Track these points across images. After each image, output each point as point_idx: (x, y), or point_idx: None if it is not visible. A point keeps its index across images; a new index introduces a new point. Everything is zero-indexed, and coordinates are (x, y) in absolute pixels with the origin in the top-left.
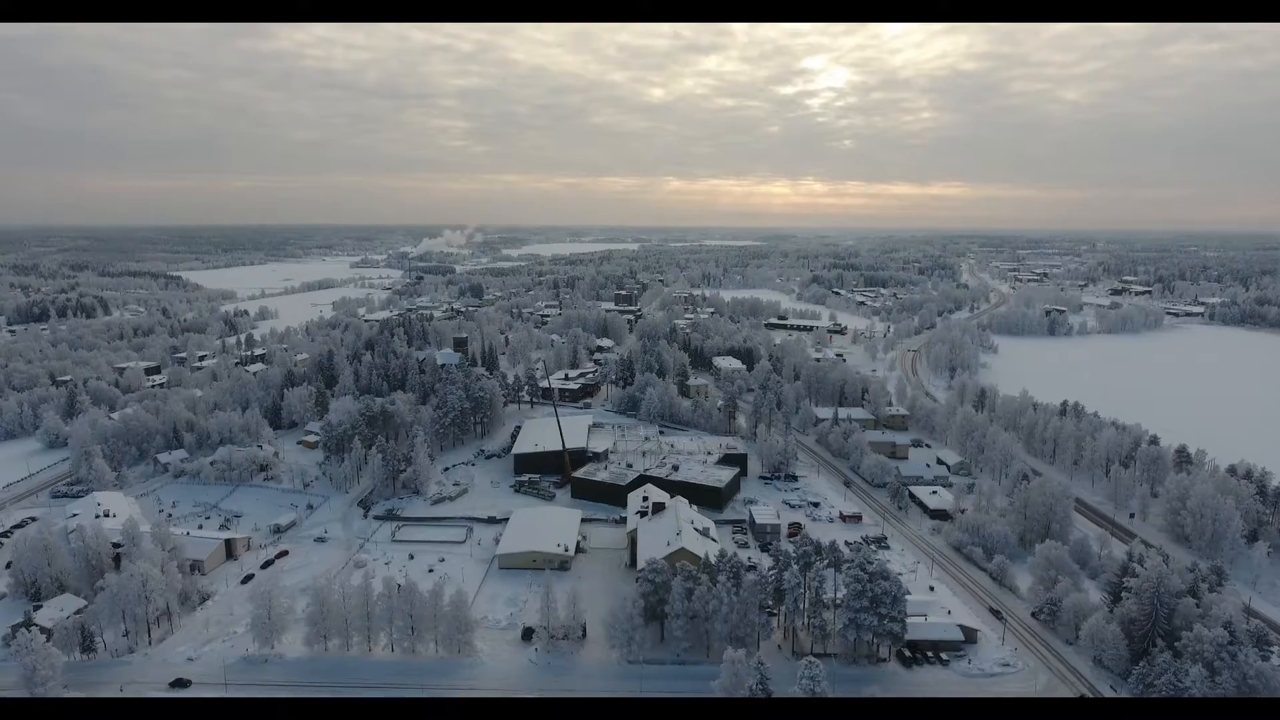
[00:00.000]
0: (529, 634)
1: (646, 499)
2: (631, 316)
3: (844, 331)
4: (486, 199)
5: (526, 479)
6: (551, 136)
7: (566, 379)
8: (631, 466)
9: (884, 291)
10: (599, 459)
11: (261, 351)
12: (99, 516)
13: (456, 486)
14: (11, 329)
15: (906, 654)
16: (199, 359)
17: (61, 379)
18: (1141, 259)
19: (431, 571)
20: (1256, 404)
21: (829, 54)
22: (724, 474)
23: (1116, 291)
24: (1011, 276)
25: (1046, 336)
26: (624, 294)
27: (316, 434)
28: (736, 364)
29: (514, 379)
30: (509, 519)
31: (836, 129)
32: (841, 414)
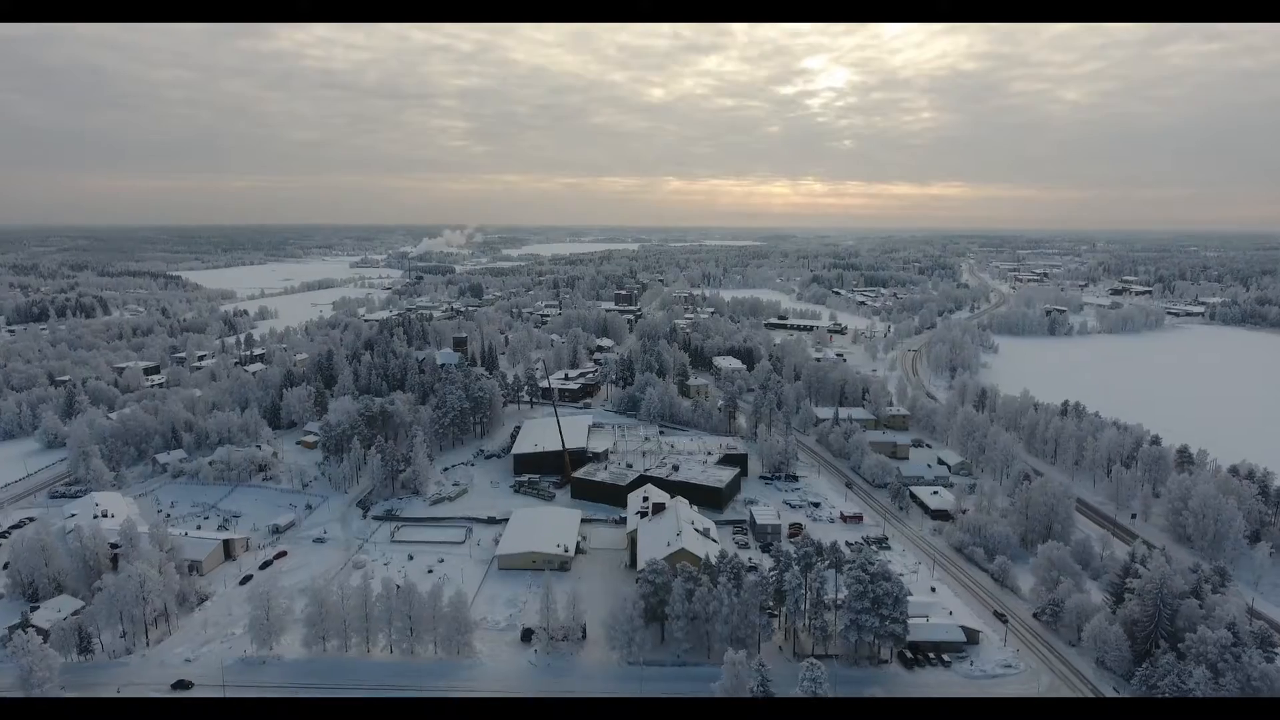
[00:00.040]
0: (528, 635)
1: (646, 499)
2: (631, 316)
3: (844, 331)
4: (486, 199)
5: (526, 479)
6: (551, 136)
7: (566, 379)
8: (631, 467)
9: (884, 291)
10: (599, 459)
11: (261, 351)
12: (97, 517)
13: (456, 487)
14: (11, 329)
15: (908, 655)
16: (198, 359)
17: (60, 379)
18: (1141, 259)
19: (431, 572)
20: (1257, 404)
21: (829, 54)
22: (724, 474)
23: (1117, 291)
24: (1011, 276)
25: (1047, 336)
26: (624, 294)
27: (315, 434)
28: (737, 364)
29: (514, 379)
30: (508, 519)
31: (836, 129)
32: (842, 414)
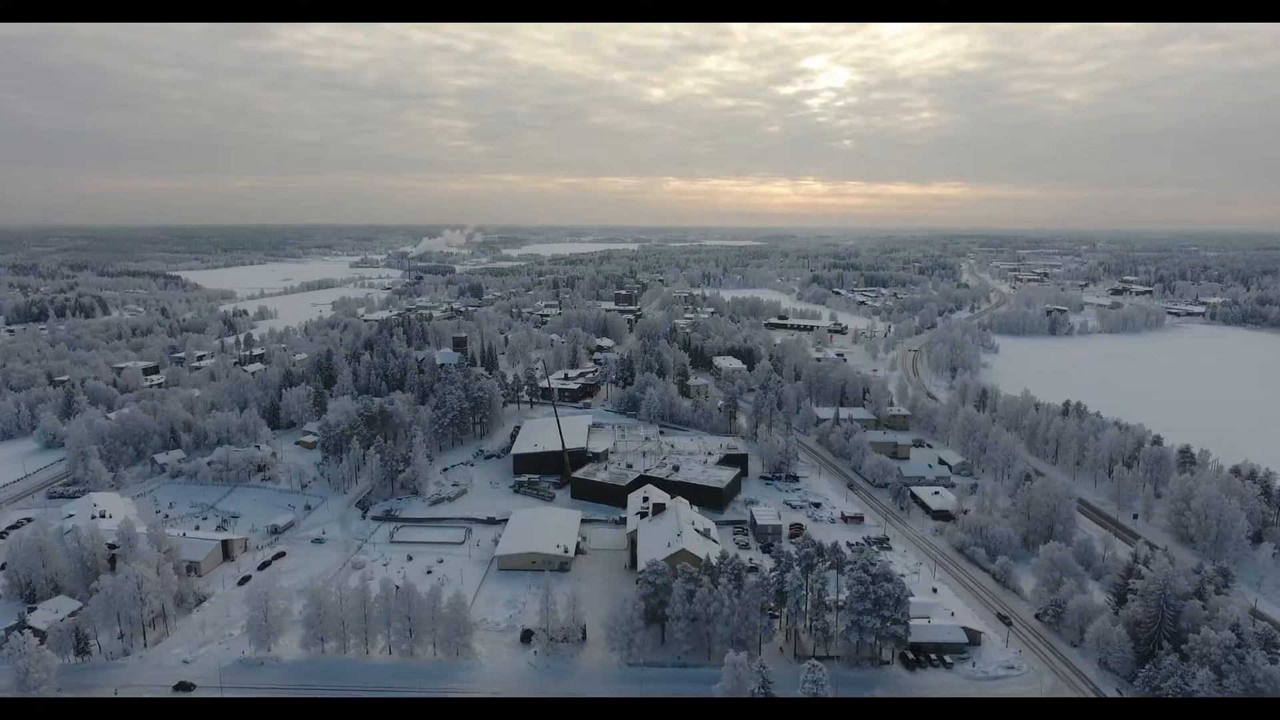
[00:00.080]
0: (528, 636)
1: (647, 500)
2: (631, 316)
3: (844, 331)
4: (486, 199)
5: (526, 479)
6: (551, 136)
7: (566, 379)
8: (631, 467)
9: (884, 291)
10: (599, 459)
11: (260, 351)
12: (95, 517)
13: (455, 487)
14: (10, 329)
15: (910, 656)
16: (197, 359)
17: (59, 379)
18: (1142, 259)
19: (430, 573)
20: (1259, 404)
21: (829, 54)
22: (725, 474)
23: (1117, 291)
24: (1012, 276)
25: (1047, 336)
26: (624, 294)
27: (315, 434)
28: (737, 364)
29: (513, 379)
30: (508, 520)
31: (836, 129)
32: (843, 414)
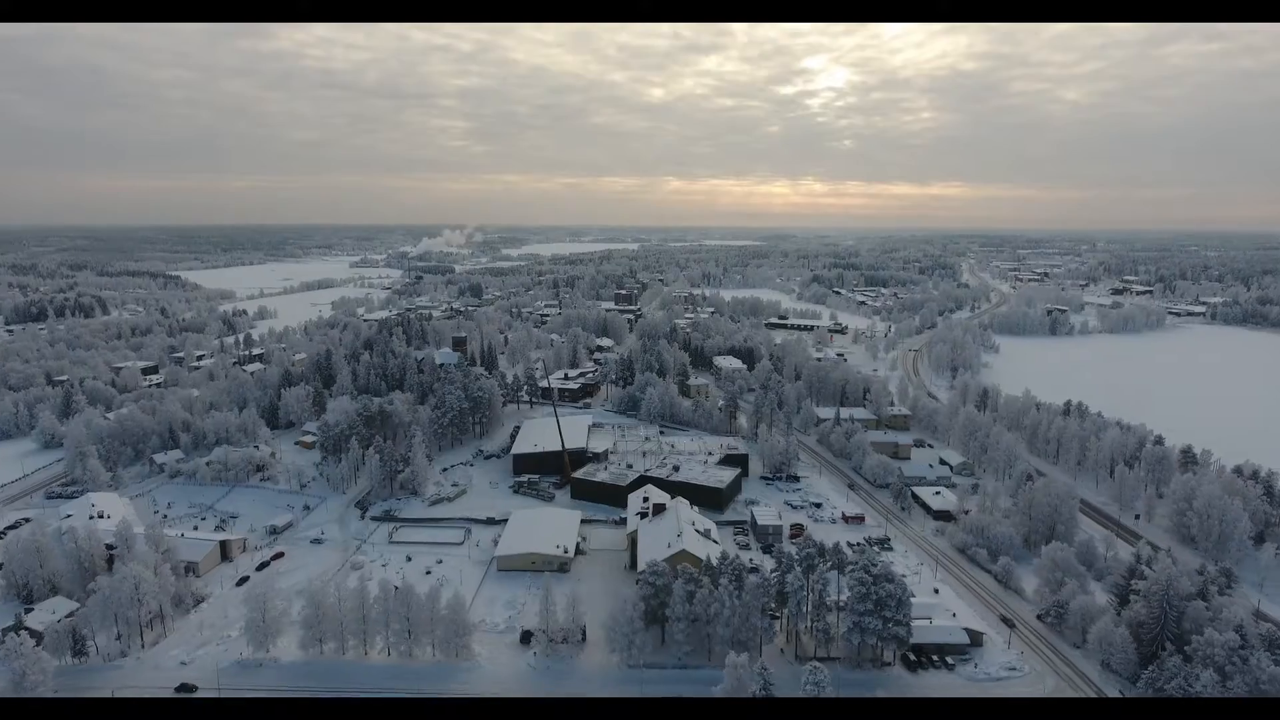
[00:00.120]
0: (528, 637)
1: (647, 500)
2: (631, 316)
3: (845, 331)
4: (486, 199)
5: (525, 479)
6: (551, 136)
7: (566, 379)
8: (632, 467)
9: (884, 291)
10: (599, 459)
11: (259, 351)
12: (93, 518)
13: (455, 487)
14: (9, 328)
15: (911, 658)
16: (197, 359)
17: (58, 379)
18: (1142, 259)
19: (429, 573)
20: (1260, 404)
21: (829, 54)
22: (725, 474)
23: (1118, 291)
24: (1012, 276)
25: (1048, 336)
26: (624, 293)
27: (314, 434)
28: (737, 364)
29: (513, 379)
30: (508, 520)
31: (836, 129)
32: (843, 414)
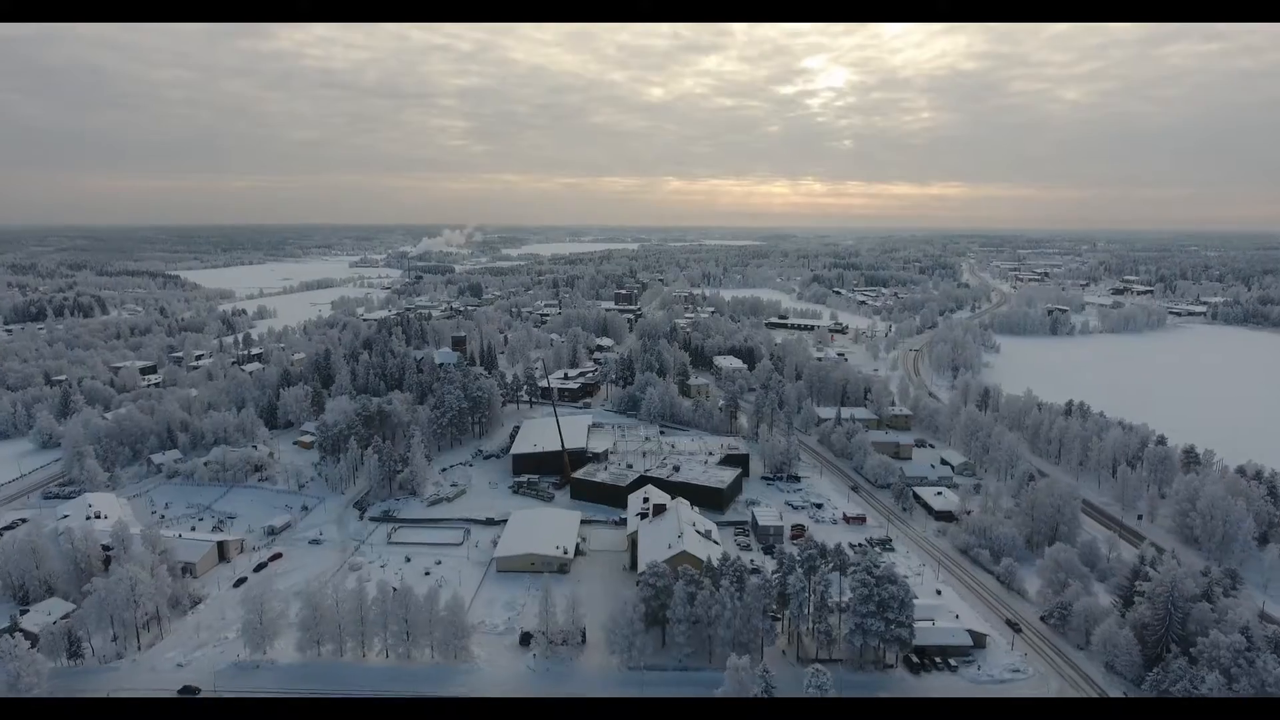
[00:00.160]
0: (527, 639)
1: (647, 500)
2: (631, 316)
3: (845, 331)
4: (486, 198)
5: (525, 480)
6: (551, 136)
7: (566, 378)
8: (632, 467)
9: (885, 291)
10: (599, 459)
11: (258, 351)
12: (89, 518)
13: (454, 487)
14: (8, 328)
15: (914, 660)
16: (196, 358)
17: (56, 379)
18: (1142, 259)
19: (428, 574)
20: (1261, 404)
21: (829, 54)
22: (726, 475)
23: (1118, 291)
24: (1012, 276)
25: (1049, 336)
26: (624, 293)
27: (312, 434)
28: (737, 363)
29: (513, 378)
30: (507, 521)
31: (836, 129)
32: (844, 414)
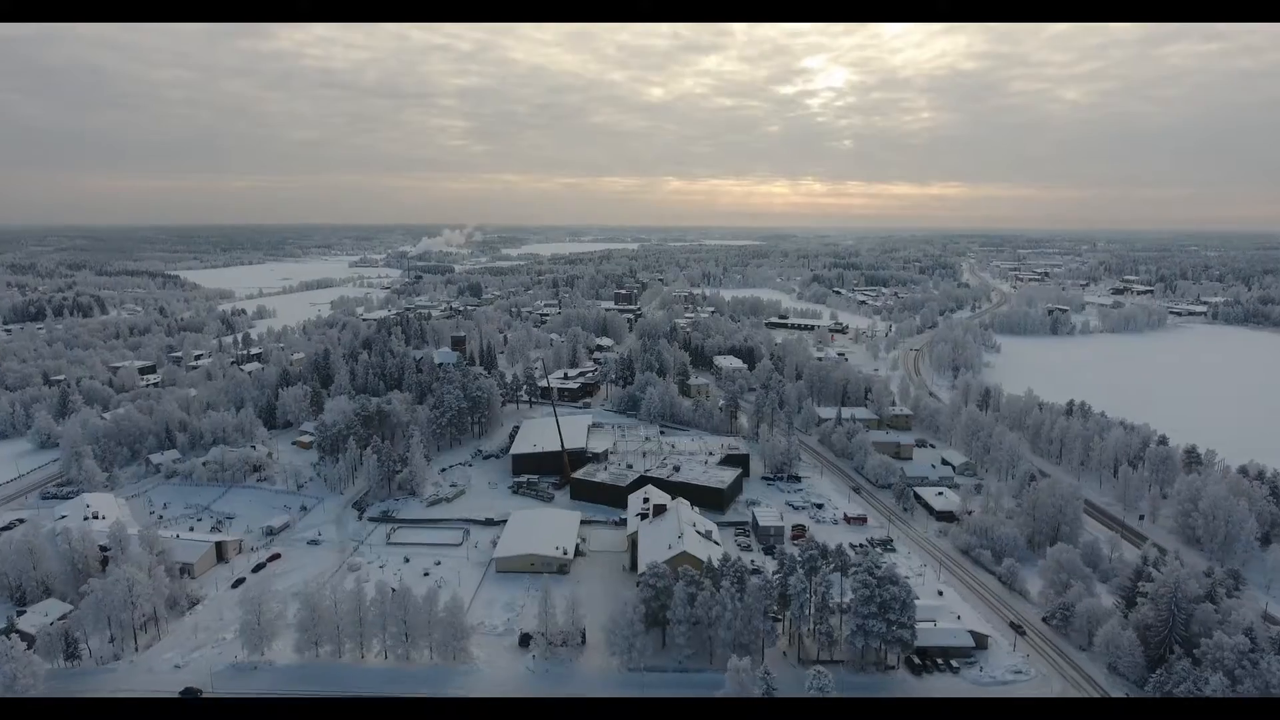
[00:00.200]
0: (526, 640)
1: (647, 500)
2: (631, 315)
3: (845, 331)
4: (486, 198)
5: (525, 480)
6: (551, 136)
7: (566, 378)
8: (632, 467)
9: (885, 291)
10: (599, 459)
11: (258, 351)
12: (87, 519)
13: (453, 488)
14: (7, 328)
15: (916, 661)
16: (195, 358)
17: (55, 378)
18: (1142, 258)
19: (427, 575)
20: (1263, 404)
21: (829, 54)
22: (726, 475)
23: (1118, 291)
24: (1012, 276)
25: (1049, 336)
26: (624, 293)
27: (311, 434)
28: (738, 363)
29: (512, 378)
30: (506, 521)
31: (836, 129)
32: (844, 414)
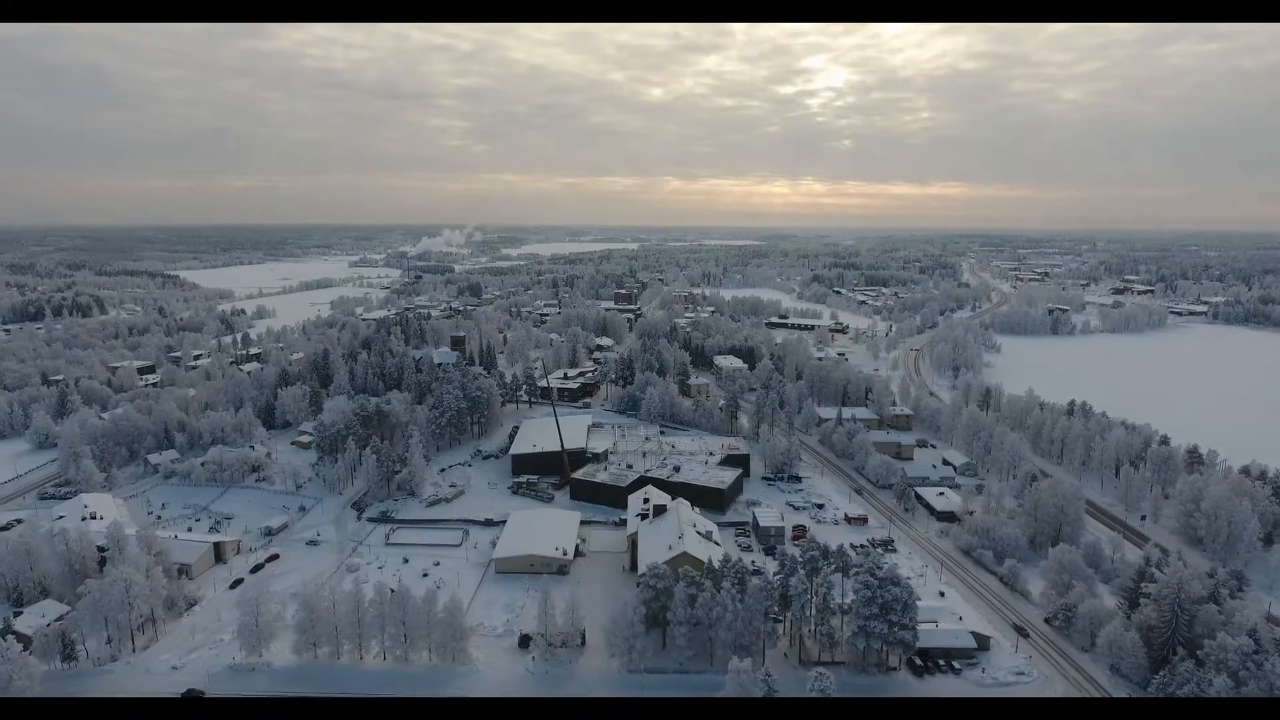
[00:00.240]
0: (526, 641)
1: (647, 501)
2: (631, 315)
3: (846, 330)
4: (486, 198)
5: (524, 480)
6: (551, 136)
7: (565, 378)
8: (632, 467)
9: (885, 290)
10: (598, 460)
11: (257, 350)
12: (85, 519)
13: (453, 488)
14: (6, 328)
15: (918, 662)
16: (194, 358)
17: (53, 378)
18: (1142, 258)
19: (426, 576)
20: (1264, 404)
21: (829, 54)
22: (726, 475)
23: (1119, 291)
24: (1012, 276)
25: (1049, 336)
26: (623, 293)
27: (310, 434)
28: (738, 363)
29: (512, 378)
30: (506, 521)
31: (836, 129)
32: (845, 414)
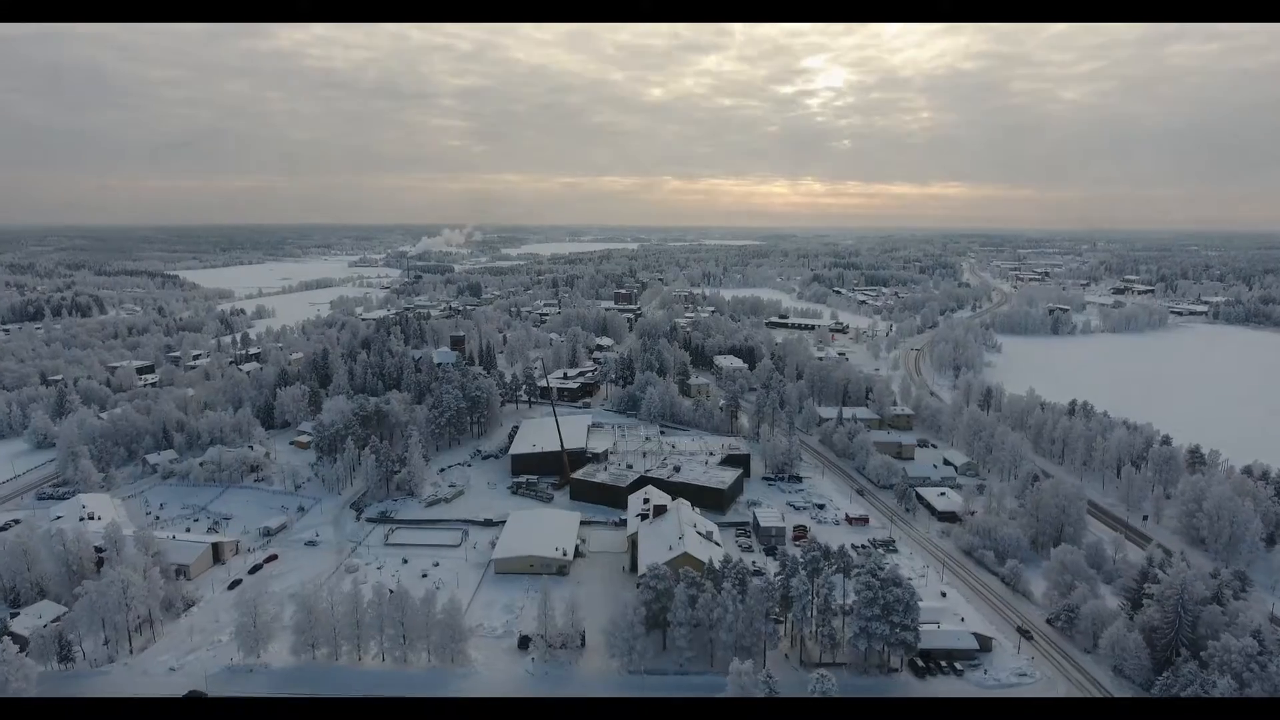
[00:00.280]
0: (525, 642)
1: (647, 501)
2: (631, 315)
3: (846, 330)
4: (486, 198)
5: (524, 480)
6: (551, 136)
7: (565, 378)
8: (632, 467)
9: (885, 290)
10: (598, 460)
11: (256, 350)
12: (82, 519)
13: (452, 488)
14: (5, 328)
15: (919, 664)
16: (193, 358)
17: (52, 378)
18: (1142, 258)
19: (425, 576)
20: (1265, 404)
21: (828, 54)
22: (727, 475)
23: (1119, 290)
24: (1013, 276)
25: (1050, 335)
26: (623, 293)
27: (309, 434)
28: (738, 363)
29: (512, 378)
30: (505, 522)
31: (836, 129)
32: (845, 413)
